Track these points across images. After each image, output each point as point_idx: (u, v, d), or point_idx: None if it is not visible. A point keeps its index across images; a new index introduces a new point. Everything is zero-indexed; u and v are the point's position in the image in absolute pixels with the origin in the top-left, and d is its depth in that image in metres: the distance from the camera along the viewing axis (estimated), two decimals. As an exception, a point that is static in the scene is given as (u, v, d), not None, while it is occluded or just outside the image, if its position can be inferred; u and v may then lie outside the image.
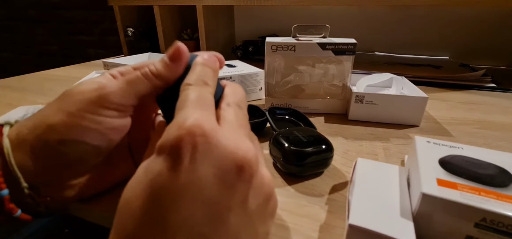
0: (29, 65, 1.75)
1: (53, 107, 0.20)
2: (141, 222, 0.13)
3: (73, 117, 0.19)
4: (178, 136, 0.13)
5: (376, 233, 0.17)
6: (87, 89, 0.19)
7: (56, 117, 0.19)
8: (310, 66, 0.43)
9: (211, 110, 0.16)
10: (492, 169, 0.20)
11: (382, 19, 0.83)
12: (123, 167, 0.25)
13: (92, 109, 0.19)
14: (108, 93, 0.19)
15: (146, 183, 0.13)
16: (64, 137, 0.19)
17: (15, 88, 0.60)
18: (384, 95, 0.39)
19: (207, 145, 0.14)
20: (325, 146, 0.28)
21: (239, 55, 0.85)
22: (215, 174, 0.13)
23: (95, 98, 0.19)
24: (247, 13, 0.97)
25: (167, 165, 0.13)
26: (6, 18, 1.66)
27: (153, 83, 0.20)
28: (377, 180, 0.22)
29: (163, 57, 0.21)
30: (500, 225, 0.16)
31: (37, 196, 0.20)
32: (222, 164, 0.14)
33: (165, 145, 0.14)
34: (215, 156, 0.14)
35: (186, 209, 0.13)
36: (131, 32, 0.90)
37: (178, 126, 0.14)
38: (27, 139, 0.19)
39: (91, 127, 0.19)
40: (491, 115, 0.44)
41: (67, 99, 0.19)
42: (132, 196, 0.14)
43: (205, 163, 0.13)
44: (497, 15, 0.73)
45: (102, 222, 0.24)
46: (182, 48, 0.20)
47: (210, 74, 0.19)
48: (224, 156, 0.14)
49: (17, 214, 0.20)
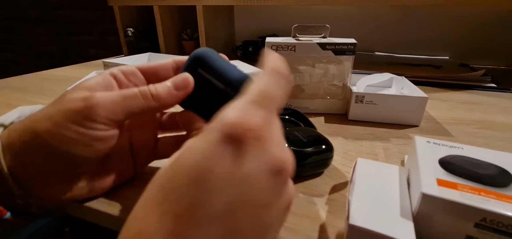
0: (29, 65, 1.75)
1: (44, 113, 0.19)
2: (186, 199, 0.12)
3: (58, 127, 0.19)
4: (249, 129, 0.13)
5: (376, 233, 0.17)
6: (74, 98, 0.19)
7: (42, 125, 0.19)
8: (310, 66, 0.43)
9: (275, 112, 0.16)
10: (492, 169, 0.20)
11: (382, 19, 0.83)
12: (123, 168, 0.25)
13: (77, 120, 0.19)
14: (95, 105, 0.19)
15: (205, 163, 0.13)
16: (48, 145, 0.19)
17: (15, 88, 0.60)
18: (384, 95, 0.39)
19: (268, 143, 0.14)
20: (325, 146, 0.28)
21: (239, 55, 0.85)
22: (265, 172, 0.14)
23: (81, 109, 0.19)
24: (247, 13, 0.97)
25: (232, 152, 0.13)
26: (6, 18, 1.66)
27: (149, 105, 0.20)
28: (377, 180, 0.22)
29: (167, 83, 0.21)
30: (500, 225, 0.16)
31: (27, 197, 0.20)
32: (271, 165, 0.14)
33: (235, 133, 0.13)
34: (268, 156, 0.14)
35: (233, 200, 0.13)
36: (131, 32, 0.90)
37: (250, 120, 0.14)
38: (15, 143, 0.19)
39: (73, 137, 0.19)
40: (491, 115, 0.44)
41: (57, 105, 0.19)
42: (185, 167, 0.13)
43: (262, 160, 0.14)
44: (497, 15, 0.73)
45: (101, 222, 0.24)
46: (190, 80, 0.21)
47: (282, 84, 0.17)
48: (274, 158, 0.14)
49: (6, 216, 0.19)
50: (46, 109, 0.20)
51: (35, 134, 0.19)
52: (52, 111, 0.19)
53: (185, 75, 0.21)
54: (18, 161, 0.19)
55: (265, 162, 0.14)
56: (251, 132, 0.13)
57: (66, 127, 0.19)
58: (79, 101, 0.19)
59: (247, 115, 0.14)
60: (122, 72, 0.23)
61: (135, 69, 0.23)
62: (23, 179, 0.19)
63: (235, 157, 0.13)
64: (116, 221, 0.23)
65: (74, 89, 0.20)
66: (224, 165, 0.13)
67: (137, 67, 0.23)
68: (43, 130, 0.19)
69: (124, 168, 0.25)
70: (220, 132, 0.13)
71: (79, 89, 0.20)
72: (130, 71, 0.23)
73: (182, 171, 0.13)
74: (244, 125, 0.13)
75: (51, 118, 0.19)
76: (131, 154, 0.25)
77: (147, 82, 0.24)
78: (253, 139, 0.13)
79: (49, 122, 0.19)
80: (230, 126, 0.13)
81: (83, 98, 0.19)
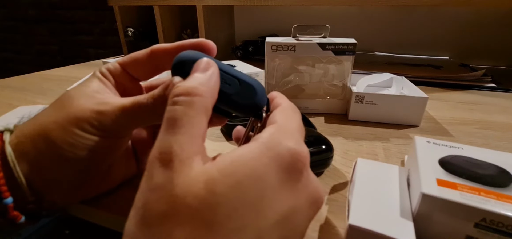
0: (29, 65, 1.75)
1: (54, 118, 0.19)
2: (234, 211, 0.12)
3: (71, 135, 0.19)
4: (299, 159, 0.14)
5: (376, 233, 0.17)
6: (84, 108, 0.19)
7: (55, 133, 0.19)
8: (310, 66, 0.43)
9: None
10: (492, 169, 0.20)
11: (382, 19, 0.83)
12: (127, 167, 0.25)
13: (88, 129, 0.19)
14: (105, 115, 0.19)
15: (261, 182, 0.13)
16: (64, 153, 0.19)
17: (15, 88, 0.60)
18: (384, 95, 0.39)
19: (308, 174, 0.15)
20: (325, 146, 0.28)
21: (239, 55, 0.85)
22: (307, 203, 0.15)
23: (92, 118, 0.19)
24: (247, 13, 0.97)
25: (286, 177, 0.14)
26: (6, 18, 1.66)
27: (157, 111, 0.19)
28: (377, 180, 0.22)
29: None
30: (500, 225, 0.16)
31: (40, 202, 0.20)
32: (311, 196, 0.15)
33: (287, 159, 0.14)
34: (311, 185, 0.16)
35: (280, 222, 0.14)
36: (131, 32, 0.90)
37: (303, 150, 0.15)
38: (30, 151, 0.19)
39: (86, 145, 0.19)
40: (491, 115, 0.44)
41: (65, 110, 0.19)
42: (245, 177, 0.13)
43: (307, 189, 0.15)
44: (497, 15, 0.73)
45: (103, 223, 0.24)
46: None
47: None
48: (314, 189, 0.16)
49: (21, 220, 0.19)
50: (54, 113, 0.19)
51: (50, 140, 0.18)
52: (61, 118, 0.19)
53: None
54: (34, 169, 0.19)
55: (308, 192, 0.15)
56: (302, 163, 0.14)
57: (78, 135, 0.18)
58: (89, 112, 0.19)
59: (300, 145, 0.15)
60: (109, 71, 0.22)
61: (117, 65, 0.22)
62: (38, 186, 0.19)
63: (289, 182, 0.14)
64: (116, 221, 0.23)
65: (80, 94, 0.20)
66: (277, 190, 0.14)
67: (118, 62, 0.23)
68: (57, 138, 0.18)
69: (128, 166, 0.25)
70: (279, 155, 0.14)
71: (86, 96, 0.19)
72: (114, 68, 0.22)
73: (234, 187, 0.13)
74: (300, 155, 0.14)
75: (63, 127, 0.19)
76: (133, 152, 0.26)
77: (128, 75, 0.23)
78: (304, 169, 0.15)
79: (62, 130, 0.18)
80: (288, 153, 0.14)
81: (92, 109, 0.19)
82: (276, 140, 0.14)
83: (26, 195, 0.19)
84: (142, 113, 0.19)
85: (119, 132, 0.20)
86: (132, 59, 0.22)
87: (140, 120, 0.20)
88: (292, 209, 0.14)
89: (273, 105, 0.19)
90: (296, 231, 0.15)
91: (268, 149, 0.14)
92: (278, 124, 0.16)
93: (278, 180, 0.14)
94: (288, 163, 0.14)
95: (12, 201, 0.18)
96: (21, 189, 0.19)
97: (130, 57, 0.22)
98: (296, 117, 0.18)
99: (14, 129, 0.20)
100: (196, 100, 0.15)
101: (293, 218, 0.14)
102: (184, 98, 0.14)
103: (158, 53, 0.22)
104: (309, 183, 0.15)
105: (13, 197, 0.19)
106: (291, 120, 0.17)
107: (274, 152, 0.14)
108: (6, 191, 0.18)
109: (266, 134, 0.15)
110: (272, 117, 0.17)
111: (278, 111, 0.18)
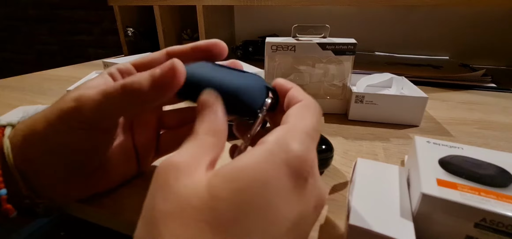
0: (29, 65, 1.75)
1: (43, 113, 0.20)
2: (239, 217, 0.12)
3: (51, 126, 0.19)
4: (304, 166, 0.14)
5: (376, 233, 0.17)
6: (67, 99, 0.19)
7: (40, 124, 0.19)
8: (310, 66, 0.43)
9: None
10: (492, 169, 0.20)
11: (382, 19, 0.83)
12: (127, 167, 0.25)
13: (67, 120, 0.19)
14: (82, 106, 0.18)
15: (267, 189, 0.13)
16: (47, 143, 0.19)
17: (15, 88, 0.60)
18: (384, 95, 0.39)
19: (314, 179, 0.15)
20: (325, 146, 0.28)
21: (239, 55, 0.85)
22: (312, 207, 0.15)
23: (71, 110, 0.19)
24: (247, 13, 0.97)
25: (292, 184, 0.14)
26: (6, 18, 1.66)
27: (135, 100, 0.18)
28: (377, 180, 0.22)
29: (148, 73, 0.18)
30: (500, 225, 0.16)
31: (35, 198, 0.20)
32: (316, 199, 0.16)
33: (294, 164, 0.14)
34: (316, 192, 0.16)
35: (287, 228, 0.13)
36: (131, 32, 0.90)
37: (310, 155, 0.15)
38: (19, 141, 0.19)
39: (67, 137, 0.19)
40: (491, 115, 0.44)
41: (54, 105, 0.19)
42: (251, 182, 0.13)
43: (313, 194, 0.15)
44: (497, 15, 0.73)
45: (102, 222, 0.24)
46: (178, 67, 0.17)
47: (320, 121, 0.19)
48: (319, 193, 0.16)
49: (13, 215, 0.20)
50: (48, 108, 0.20)
51: (36, 132, 0.19)
52: (48, 111, 0.19)
53: (172, 62, 0.17)
54: (24, 159, 0.19)
55: (315, 197, 0.15)
56: (307, 170, 0.14)
57: (58, 126, 0.19)
58: (70, 102, 0.19)
59: (306, 150, 0.15)
60: (118, 70, 0.22)
61: (129, 66, 0.23)
62: (30, 177, 0.20)
63: (295, 189, 0.14)
64: (116, 221, 0.23)
65: (74, 89, 0.20)
66: (283, 197, 0.13)
67: (131, 63, 0.23)
68: (41, 128, 0.19)
69: (128, 166, 0.25)
70: (285, 161, 0.14)
71: (77, 90, 0.20)
72: (125, 69, 0.22)
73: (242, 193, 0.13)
74: (306, 162, 0.14)
75: (46, 118, 0.19)
76: (134, 152, 0.25)
77: None
78: (309, 175, 0.15)
79: (46, 122, 0.19)
80: (295, 159, 0.14)
81: (74, 98, 0.18)
82: (282, 146, 0.14)
83: (20, 188, 0.19)
84: (112, 102, 0.18)
85: (98, 122, 0.19)
86: (148, 60, 0.22)
87: (116, 110, 0.19)
88: (300, 215, 0.14)
89: (289, 99, 0.19)
90: (304, 236, 0.15)
91: (273, 154, 0.14)
92: (288, 125, 0.16)
93: (284, 186, 0.13)
94: (293, 169, 0.14)
95: (6, 193, 0.19)
96: (16, 185, 0.19)
97: (145, 59, 0.23)
98: (309, 116, 0.17)
99: (16, 125, 0.21)
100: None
101: (302, 224, 0.14)
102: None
103: (174, 55, 0.22)
104: (315, 188, 0.15)
105: (9, 191, 0.19)
106: (304, 120, 0.16)
107: (279, 158, 0.14)
108: (1, 182, 0.19)
109: (272, 137, 0.15)
110: (286, 117, 0.17)
111: (294, 110, 0.17)
